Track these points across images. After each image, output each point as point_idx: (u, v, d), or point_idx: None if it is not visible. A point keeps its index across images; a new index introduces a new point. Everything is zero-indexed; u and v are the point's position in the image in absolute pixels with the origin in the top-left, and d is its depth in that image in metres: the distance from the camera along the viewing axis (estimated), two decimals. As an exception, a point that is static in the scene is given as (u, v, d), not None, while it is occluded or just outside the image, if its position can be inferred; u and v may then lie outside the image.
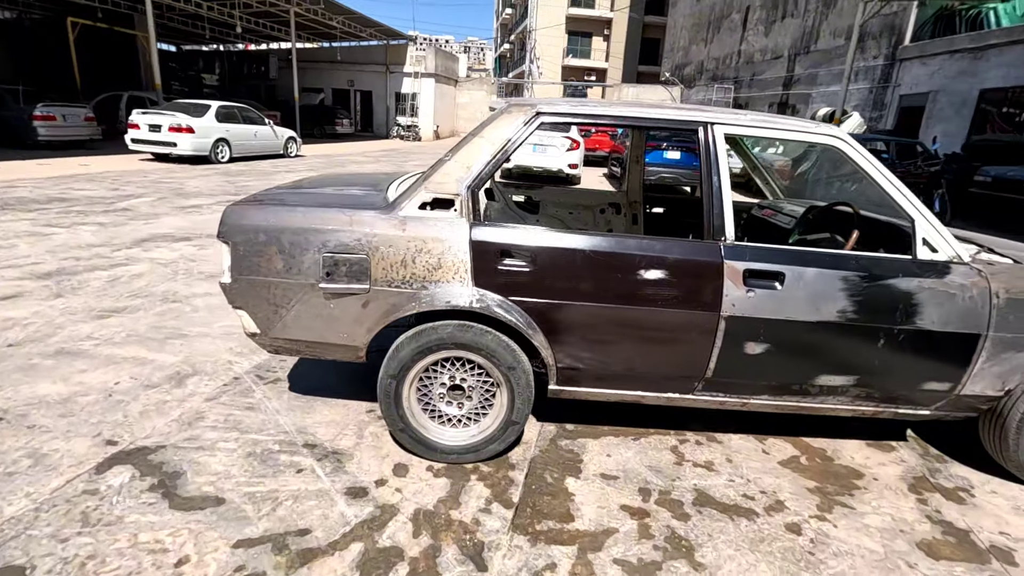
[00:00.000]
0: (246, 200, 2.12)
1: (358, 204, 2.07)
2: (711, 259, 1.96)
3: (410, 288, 1.96)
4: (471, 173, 1.98)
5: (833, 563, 1.77)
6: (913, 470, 2.31)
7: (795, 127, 2.05)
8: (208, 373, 2.74)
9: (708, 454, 2.34)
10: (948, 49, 12.65)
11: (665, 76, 28.17)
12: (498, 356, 2.01)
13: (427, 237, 1.96)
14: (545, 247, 1.96)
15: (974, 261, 2.03)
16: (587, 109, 2.05)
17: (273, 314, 2.04)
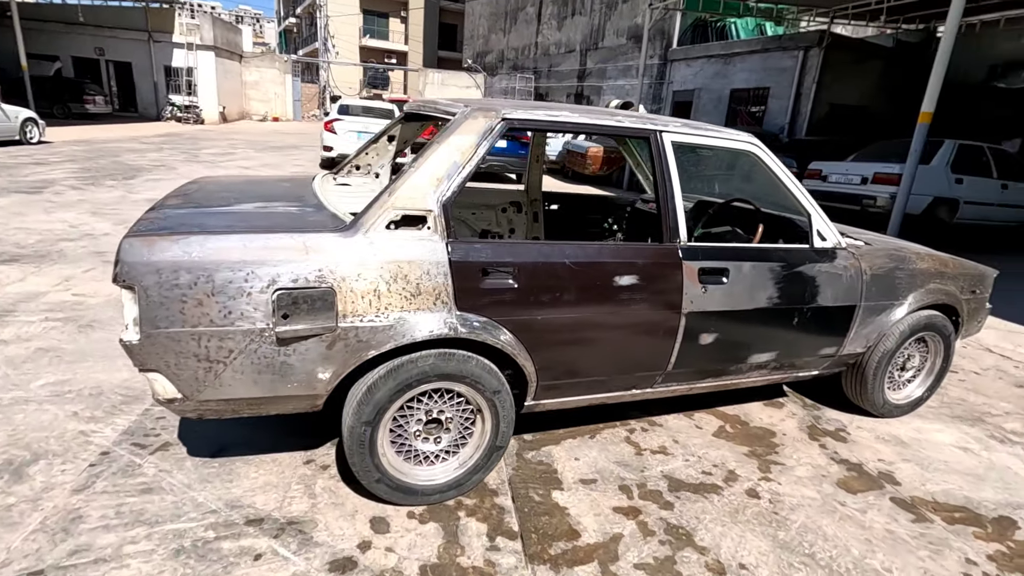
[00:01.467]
0: (145, 228, 1.60)
1: (306, 225, 1.72)
2: (672, 261, 2.08)
3: (386, 320, 1.70)
4: (443, 186, 1.78)
5: (794, 517, 2.05)
6: (804, 421, 2.78)
7: (721, 135, 2.26)
8: (57, 453, 2.06)
9: (657, 439, 2.51)
10: (706, 54, 15.13)
11: (467, 63, 28.71)
12: (483, 382, 1.87)
13: (402, 261, 1.71)
14: (527, 261, 1.86)
15: (849, 246, 2.48)
16: (552, 116, 1.98)
17: (205, 373, 1.60)
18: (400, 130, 2.88)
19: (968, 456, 2.56)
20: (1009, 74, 12.09)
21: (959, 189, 7.23)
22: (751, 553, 1.86)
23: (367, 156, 2.91)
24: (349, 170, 2.91)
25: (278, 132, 20.25)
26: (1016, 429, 2.85)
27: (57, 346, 2.87)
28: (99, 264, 4.18)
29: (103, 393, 2.48)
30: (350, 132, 10.58)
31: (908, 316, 2.60)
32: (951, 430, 2.78)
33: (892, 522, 2.07)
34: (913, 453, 2.55)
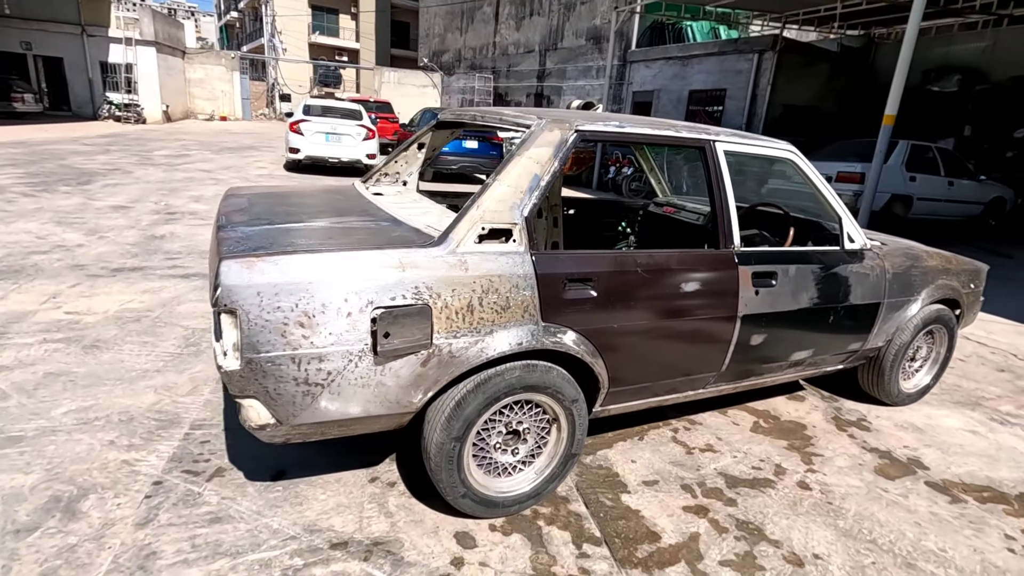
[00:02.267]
0: (239, 250, 1.53)
1: (395, 241, 1.69)
2: (729, 266, 2.16)
3: (478, 335, 1.69)
4: (525, 199, 1.78)
5: (847, 506, 2.17)
6: (827, 413, 2.94)
7: (764, 143, 2.36)
8: (106, 486, 1.93)
9: (701, 437, 2.59)
10: (664, 56, 15.55)
11: (423, 62, 28.38)
12: (563, 391, 1.89)
13: (493, 275, 1.71)
14: (605, 270, 1.89)
15: (873, 247, 2.64)
16: (619, 128, 2.01)
17: (302, 397, 1.55)
18: (431, 138, 2.85)
19: (978, 439, 2.77)
20: (941, 78, 13.00)
21: (913, 186, 7.75)
22: (820, 543, 1.95)
23: (396, 164, 2.86)
24: (378, 179, 2.86)
25: (229, 132, 19.43)
26: (1010, 411, 3.10)
27: (67, 370, 2.68)
28: (83, 279, 3.92)
29: (134, 419, 2.34)
30: (317, 134, 10.30)
31: (921, 311, 2.79)
32: (957, 415, 3.00)
33: (933, 505, 2.22)
34: (931, 438, 2.74)
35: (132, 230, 5.36)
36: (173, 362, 2.85)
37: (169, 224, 5.71)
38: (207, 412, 2.44)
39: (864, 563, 1.88)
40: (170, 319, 3.37)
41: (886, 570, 1.85)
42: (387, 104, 16.97)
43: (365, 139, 10.64)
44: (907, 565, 1.88)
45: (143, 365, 2.79)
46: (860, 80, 14.75)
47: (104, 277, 3.99)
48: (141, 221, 5.74)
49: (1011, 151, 11.78)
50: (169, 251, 4.76)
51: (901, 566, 1.88)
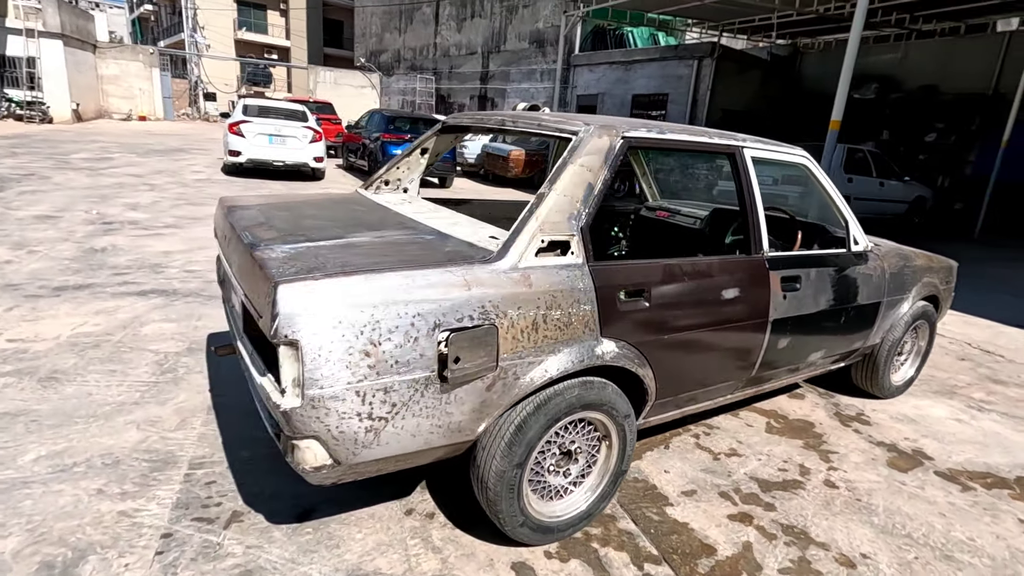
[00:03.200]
0: (292, 272, 1.34)
1: (453, 257, 1.55)
2: (762, 272, 2.16)
3: (541, 354, 1.59)
4: (582, 209, 1.70)
5: (875, 501, 2.23)
6: (828, 409, 3.03)
7: (782, 149, 2.39)
8: (106, 545, 1.68)
9: (723, 442, 2.60)
10: (608, 61, 15.88)
11: (360, 62, 27.61)
12: (617, 407, 1.82)
13: (556, 291, 1.61)
14: (655, 280, 1.84)
15: (874, 249, 2.74)
16: (661, 135, 1.96)
17: (364, 433, 1.39)
18: (434, 143, 2.70)
19: (965, 426, 2.94)
20: (861, 86, 14.02)
21: (851, 187, 8.28)
22: (863, 542, 1.99)
23: (398, 171, 2.70)
24: (379, 186, 2.68)
25: (151, 133, 18.06)
26: (983, 398, 3.33)
27: (26, 408, 2.33)
28: (20, 300, 3.46)
29: (121, 461, 2.06)
30: (260, 135, 9.73)
31: (911, 308, 2.94)
32: (940, 405, 3.18)
33: (948, 495, 2.32)
34: (926, 429, 2.88)
35: (67, 243, 4.82)
36: (151, 392, 2.55)
37: (109, 235, 5.18)
38: (204, 448, 2.19)
39: (908, 559, 1.92)
40: (135, 343, 3.02)
41: (929, 564, 1.91)
42: (328, 105, 16.36)
43: (312, 141, 10.16)
44: (946, 557, 1.95)
45: (116, 398, 2.48)
46: (788, 87, 15.68)
47: (45, 297, 3.54)
48: (75, 232, 5.18)
49: (923, 154, 12.88)
50: (116, 266, 4.30)
51: (941, 559, 1.94)
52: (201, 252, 4.88)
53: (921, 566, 1.90)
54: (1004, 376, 3.70)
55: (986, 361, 3.97)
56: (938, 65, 13.09)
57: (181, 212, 6.48)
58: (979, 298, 5.56)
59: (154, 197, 7.25)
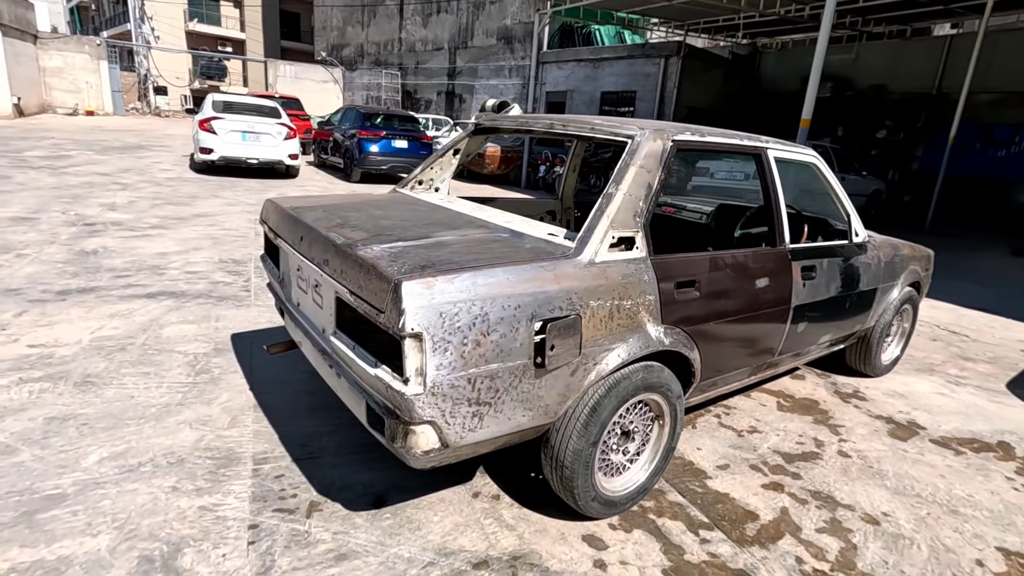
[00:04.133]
0: (408, 270, 1.43)
1: (537, 253, 1.68)
2: (785, 262, 2.37)
3: (615, 341, 1.74)
4: (643, 206, 1.85)
5: (885, 467, 2.48)
6: (828, 388, 3.29)
7: (795, 149, 2.60)
8: (197, 538, 1.73)
9: (743, 420, 2.81)
10: (576, 58, 16.12)
11: (322, 56, 27.03)
12: (672, 388, 1.98)
13: (627, 283, 1.76)
14: (704, 271, 2.01)
15: (871, 240, 3.00)
16: (704, 138, 2.13)
17: (471, 418, 1.50)
18: (467, 143, 2.80)
19: (947, 399, 3.26)
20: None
21: (816, 182, 8.74)
22: (882, 503, 2.22)
23: (431, 171, 2.79)
24: (412, 186, 2.76)
25: (102, 129, 17.26)
26: (958, 374, 3.67)
27: (71, 412, 2.32)
28: (27, 305, 3.37)
29: (185, 460, 2.10)
30: (233, 132, 9.51)
31: (900, 293, 3.22)
32: (923, 381, 3.50)
33: (945, 459, 2.60)
34: (916, 403, 3.18)
35: (53, 245, 4.66)
36: (192, 393, 2.57)
37: (96, 237, 5.03)
38: (263, 444, 2.24)
39: (922, 515, 2.17)
40: (160, 345, 3.01)
41: (940, 518, 2.16)
42: (296, 100, 16.01)
43: (287, 138, 9.98)
44: (952, 512, 2.20)
45: (159, 399, 2.49)
46: (749, 85, 16.30)
47: (52, 302, 3.46)
48: (59, 235, 5.00)
49: (875, 150, 13.66)
50: (113, 268, 4.20)
51: (948, 513, 2.19)
52: (197, 253, 4.80)
53: (934, 520, 2.14)
54: (972, 354, 4.08)
55: (954, 341, 4.35)
56: (887, 66, 13.90)
57: (163, 212, 6.31)
58: (940, 284, 6.03)
59: (129, 197, 7.02)
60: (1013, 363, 3.95)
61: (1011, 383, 3.58)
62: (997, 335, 4.58)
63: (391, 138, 10.79)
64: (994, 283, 6.58)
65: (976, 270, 7.30)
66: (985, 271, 7.32)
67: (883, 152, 13.49)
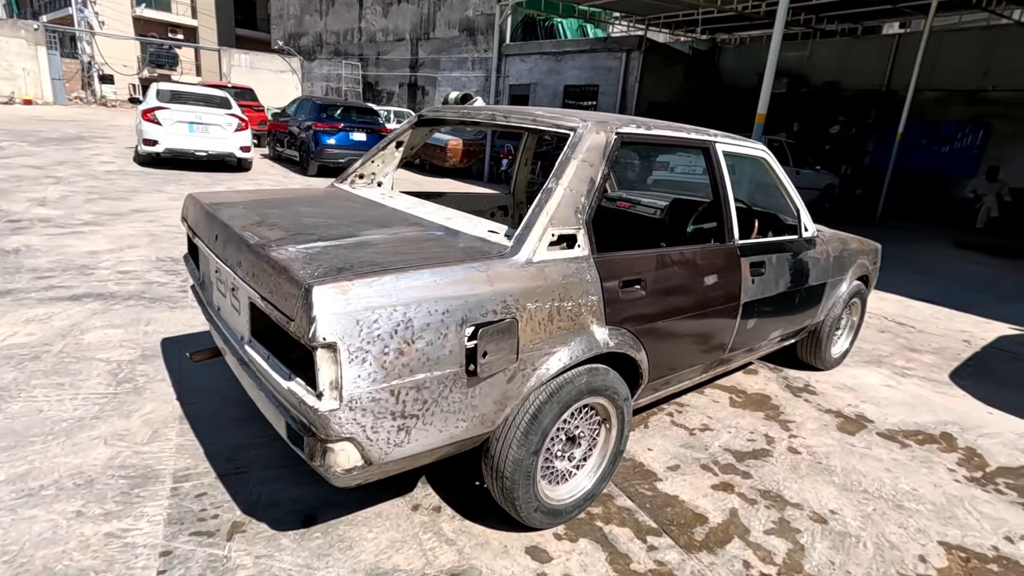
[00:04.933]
0: (321, 273, 1.31)
1: (471, 252, 1.57)
2: (734, 259, 2.33)
3: (555, 344, 1.65)
4: (586, 202, 1.76)
5: (833, 463, 2.48)
6: (780, 382, 3.30)
7: (745, 144, 2.56)
8: (100, 570, 1.57)
9: (695, 418, 2.77)
10: (539, 51, 16.02)
11: (279, 45, 26.16)
12: (619, 391, 1.91)
13: (567, 283, 1.67)
14: (650, 269, 1.94)
15: (820, 234, 3.00)
16: (650, 131, 2.05)
17: (397, 432, 1.39)
18: (410, 136, 2.67)
19: (894, 391, 3.31)
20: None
21: (772, 176, 8.89)
22: (830, 500, 2.21)
23: (373, 164, 2.65)
24: (352, 180, 2.62)
25: (41, 119, 16.28)
26: (904, 365, 3.74)
27: (-33, 430, 2.10)
28: (-70, 310, 3.08)
29: (94, 480, 1.92)
30: (179, 123, 9.06)
31: (848, 287, 3.25)
32: (872, 373, 3.55)
33: (891, 452, 2.62)
34: (864, 395, 3.21)
35: (-31, 244, 4.30)
36: (111, 405, 2.37)
37: (19, 235, 4.67)
38: (186, 459, 2.07)
39: (868, 511, 2.16)
40: (80, 353, 2.78)
41: (886, 513, 2.16)
42: (249, 91, 15.44)
43: (237, 130, 9.57)
44: (897, 507, 2.21)
45: (72, 413, 2.29)
46: (708, 80, 16.52)
47: (-41, 306, 3.17)
48: (-24, 232, 4.63)
49: (828, 145, 14.03)
50: (36, 268, 3.90)
51: (894, 508, 2.20)
52: (132, 252, 4.52)
53: (879, 516, 2.14)
54: (918, 345, 4.18)
55: (901, 332, 4.45)
56: (839, 63, 14.28)
57: (99, 208, 5.94)
58: (888, 276, 6.20)
59: (63, 191, 6.59)
60: (955, 353, 4.06)
61: (954, 373, 3.67)
62: (941, 326, 4.72)
63: (349, 130, 10.49)
64: (938, 274, 6.81)
65: (922, 261, 7.56)
66: (930, 263, 7.58)
67: (836, 147, 13.87)
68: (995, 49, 11.84)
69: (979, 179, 11.38)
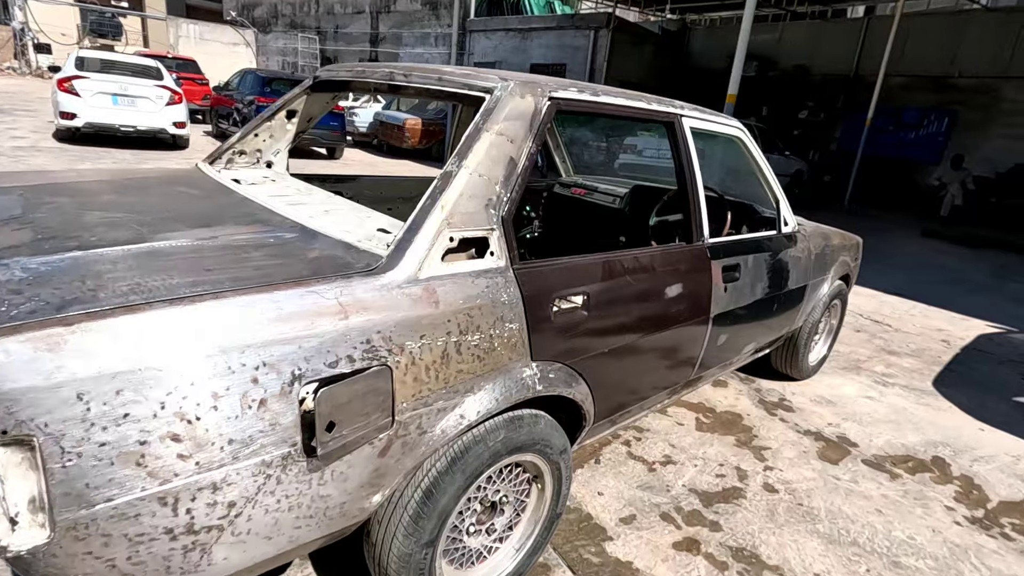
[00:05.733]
0: (27, 314, 0.78)
1: (319, 266, 1.06)
2: (703, 262, 1.88)
3: (455, 395, 1.16)
4: (503, 193, 1.27)
5: (816, 504, 2.08)
6: (752, 396, 2.90)
7: (720, 120, 2.10)
8: None
9: (655, 447, 2.34)
10: (505, 27, 15.31)
11: (231, 16, 24.61)
12: (552, 443, 1.45)
13: (473, 307, 1.18)
14: (597, 281, 1.47)
15: (801, 229, 2.58)
16: (595, 97, 1.56)
17: (183, 556, 0.88)
18: (305, 103, 2.12)
19: (876, 404, 2.95)
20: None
21: (742, 161, 8.55)
22: (814, 558, 1.81)
23: (256, 139, 2.09)
24: (231, 158, 2.06)
25: (-40, 90, 14.87)
26: (884, 371, 3.40)
27: None
28: None
29: None
30: (101, 95, 8.16)
31: (830, 289, 2.86)
32: (850, 382, 3.20)
33: (880, 486, 2.24)
34: (844, 411, 2.84)
35: None
36: None
37: None
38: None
39: (860, 572, 1.77)
40: None
41: (881, 575, 1.77)
42: (192, 62, 14.34)
43: (170, 103, 8.70)
44: (894, 564, 1.82)
45: None
46: (678, 61, 16.10)
47: None
48: None
49: (797, 130, 13.83)
50: None
51: (890, 567, 1.81)
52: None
53: (874, 580, 1.75)
54: (895, 346, 3.86)
55: (877, 332, 4.13)
56: (809, 47, 14.03)
57: (-13, 189, 5.15)
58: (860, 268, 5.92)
59: (-50, 169, 5.74)
60: (936, 356, 3.76)
61: (937, 380, 3.35)
62: (917, 323, 4.42)
63: (296, 107, 9.68)
64: (909, 266, 6.59)
65: (892, 252, 7.34)
66: (901, 254, 7.37)
67: (805, 132, 13.68)
68: (963, 35, 11.73)
69: (944, 167, 11.32)
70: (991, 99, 11.53)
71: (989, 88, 11.52)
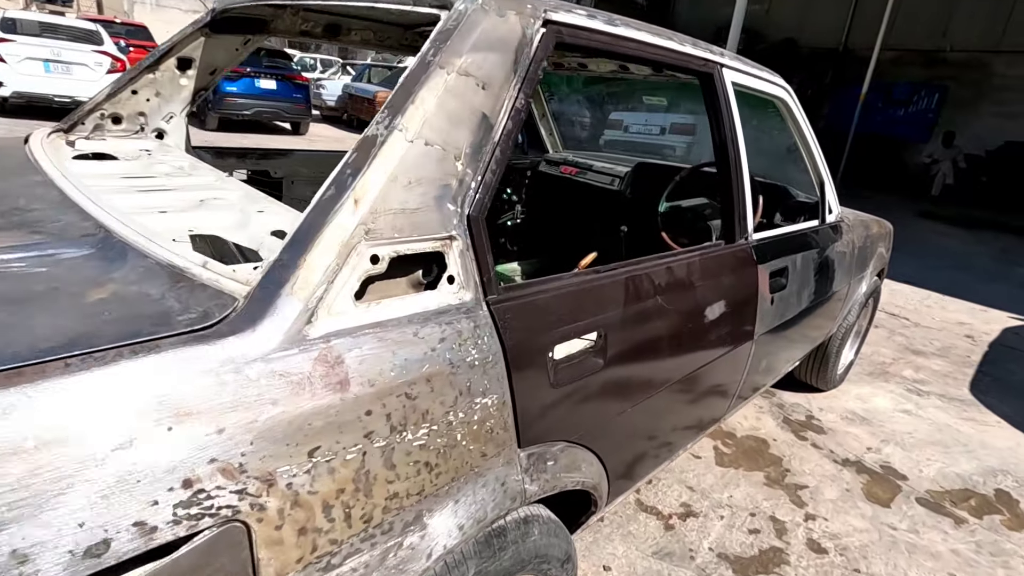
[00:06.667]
0: None
1: (94, 326, 0.53)
2: (750, 268, 1.38)
3: (386, 537, 0.66)
4: (468, 176, 0.74)
5: (875, 568, 1.65)
6: (775, 415, 2.46)
7: (763, 75, 1.60)
8: None
9: (670, 493, 1.88)
10: None
11: (190, -20, 23.09)
12: (550, 556, 0.96)
13: (414, 380, 0.66)
14: (619, 310, 0.96)
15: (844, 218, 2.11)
16: (611, 26, 1.04)
17: None
18: (203, 48, 1.54)
19: (914, 420, 2.54)
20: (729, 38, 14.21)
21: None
22: (890, 658, 1.37)
23: (136, 97, 1.52)
24: (98, 123, 1.49)
25: None
26: (914, 376, 3.00)
27: None
28: None
29: None
30: (31, 61, 7.30)
31: (868, 287, 2.41)
32: (880, 392, 2.78)
33: (946, 537, 1.81)
34: (881, 430, 2.42)
35: None
36: None
37: None
38: None
39: None
40: None
41: None
42: (143, 28, 13.21)
43: (111, 71, 7.86)
44: (990, 662, 1.40)
45: None
46: (663, 34, 15.50)
47: None
48: None
49: (785, 106, 13.41)
50: None
51: (986, 666, 1.38)
52: None
53: None
54: (919, 345, 3.46)
55: (897, 327, 3.74)
56: (797, 19, 13.53)
57: None
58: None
59: None
60: (964, 355, 3.37)
61: (973, 386, 2.96)
62: (936, 316, 4.05)
63: (255, 76, 8.90)
64: (913, 251, 6.23)
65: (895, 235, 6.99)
66: (901, 236, 7.01)
67: (793, 109, 13.27)
68: (955, 6, 11.35)
69: (934, 144, 11.03)
70: (982, 74, 11.22)
71: (980, 63, 11.20)
